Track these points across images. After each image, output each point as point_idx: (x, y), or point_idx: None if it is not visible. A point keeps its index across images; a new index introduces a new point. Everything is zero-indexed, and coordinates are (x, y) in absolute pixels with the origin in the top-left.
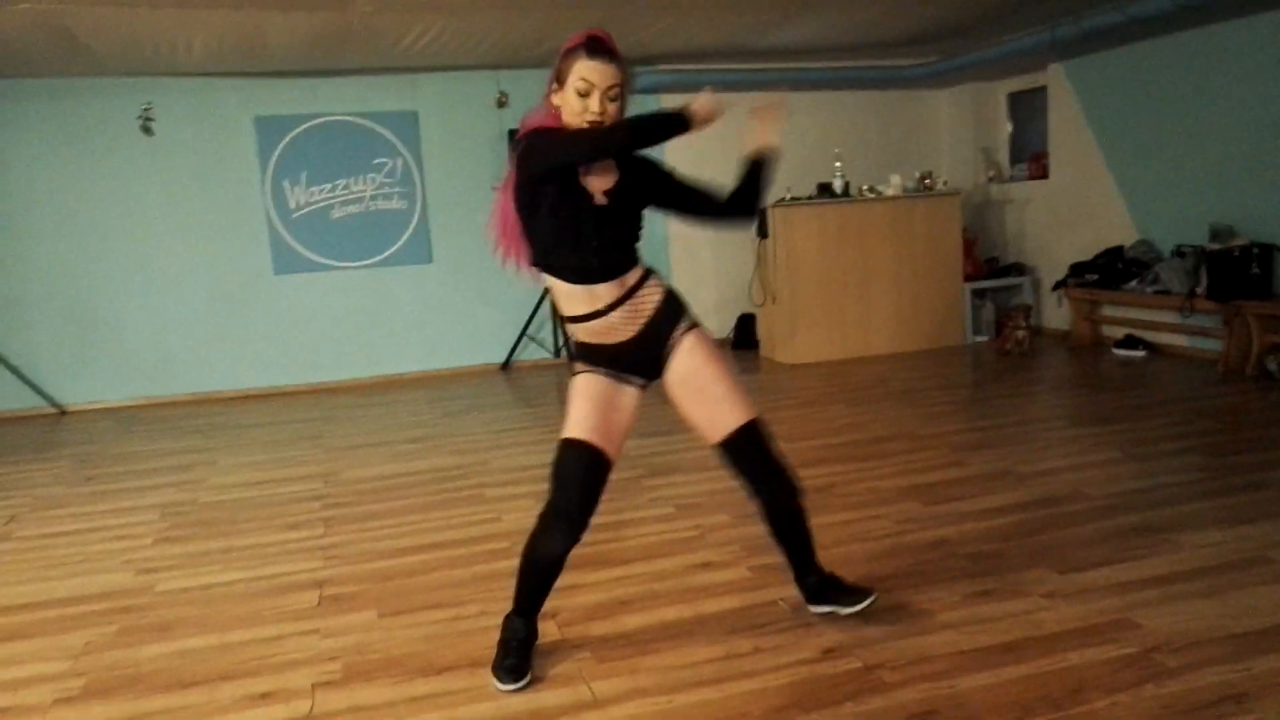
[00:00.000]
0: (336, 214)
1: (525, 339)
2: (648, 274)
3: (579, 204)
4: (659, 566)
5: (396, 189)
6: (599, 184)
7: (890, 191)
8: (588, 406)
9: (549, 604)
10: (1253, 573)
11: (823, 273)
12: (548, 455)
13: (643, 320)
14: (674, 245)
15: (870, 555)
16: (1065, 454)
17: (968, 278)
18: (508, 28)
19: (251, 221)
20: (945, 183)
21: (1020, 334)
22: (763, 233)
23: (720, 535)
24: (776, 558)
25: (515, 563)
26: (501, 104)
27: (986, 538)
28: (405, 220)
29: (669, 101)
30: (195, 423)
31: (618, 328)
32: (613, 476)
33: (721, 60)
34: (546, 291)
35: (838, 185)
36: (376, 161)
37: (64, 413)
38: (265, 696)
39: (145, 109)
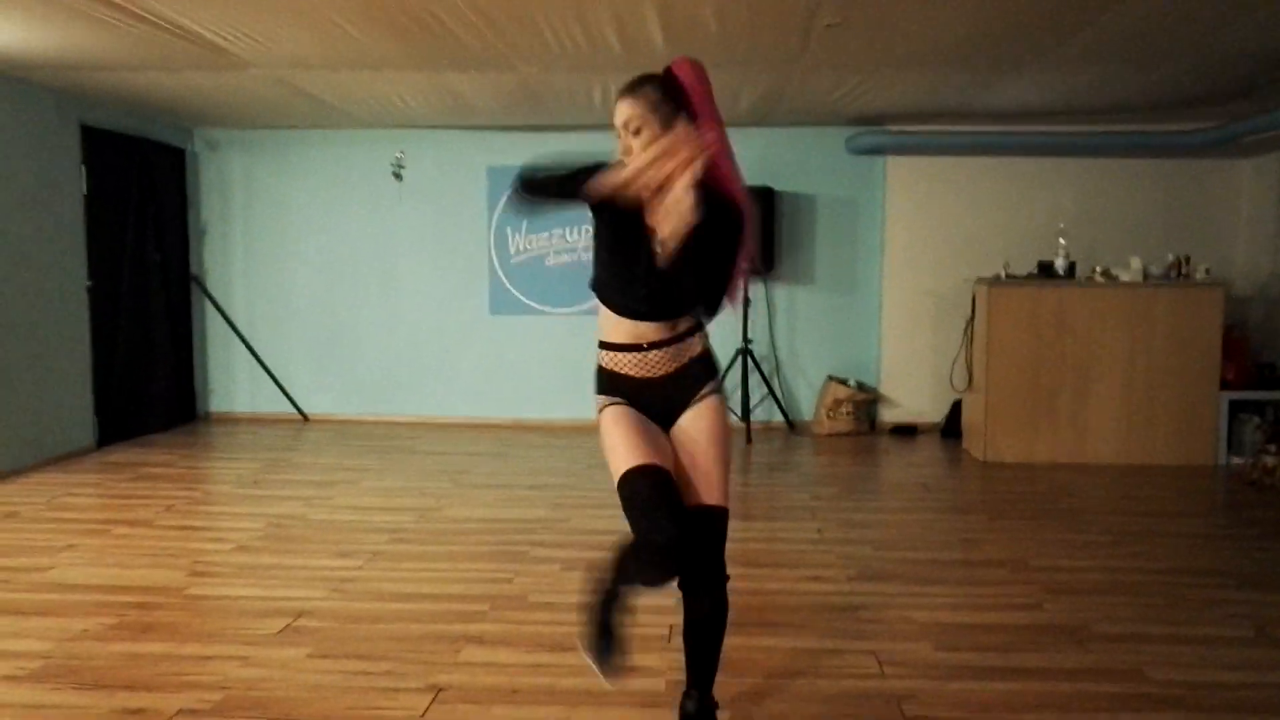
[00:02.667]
0: (550, 261)
1: None
2: (698, 326)
3: (637, 246)
4: None
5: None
6: (669, 227)
7: (1127, 277)
8: (633, 433)
9: None
10: None
11: (1031, 364)
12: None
13: (680, 364)
14: (888, 315)
15: (811, 694)
16: (1180, 621)
17: (1227, 385)
18: None
19: (477, 263)
20: (1207, 270)
21: (1270, 461)
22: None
23: None
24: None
25: (469, 628)
26: None
27: (957, 703)
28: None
29: (895, 164)
30: (383, 444)
31: (654, 364)
32: None
33: (948, 121)
34: (737, 354)
35: (1060, 265)
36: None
37: (307, 419)
38: (135, 713)
39: (398, 156)
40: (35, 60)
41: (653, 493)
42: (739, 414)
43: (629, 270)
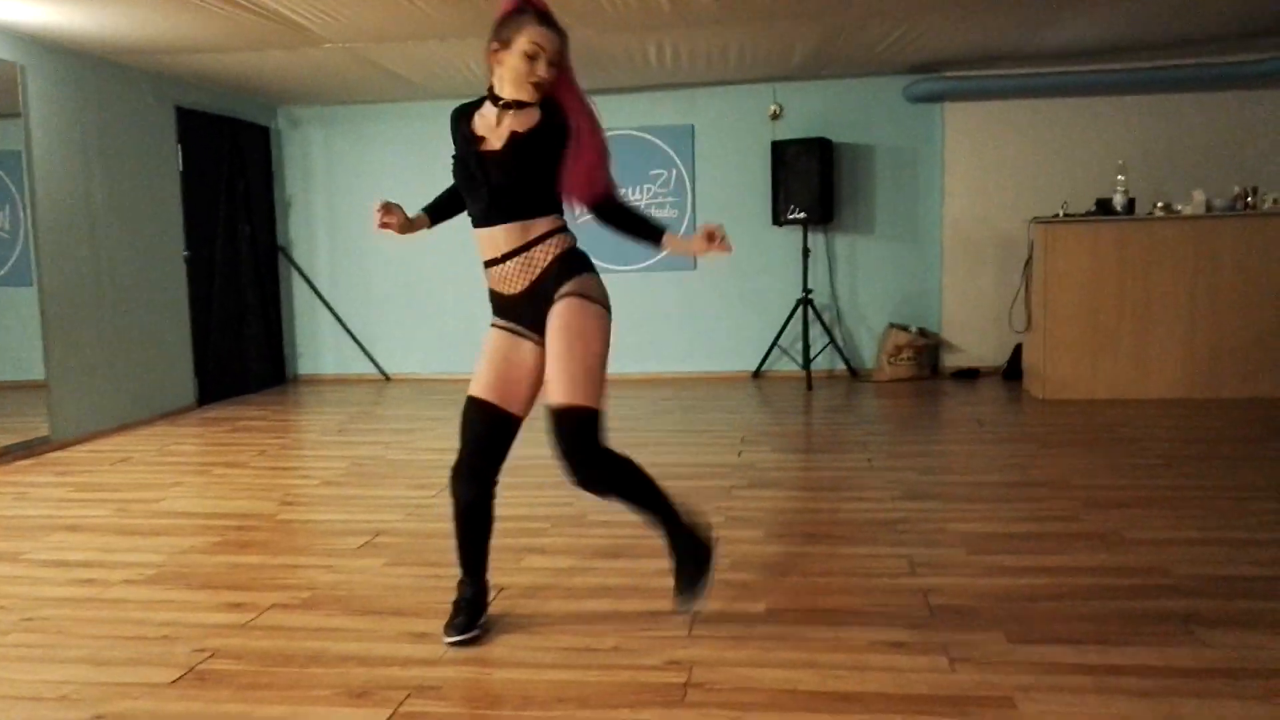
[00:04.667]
0: None
1: (777, 349)
2: (556, 230)
3: (474, 159)
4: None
5: (669, 198)
6: (500, 132)
7: (1189, 210)
8: (486, 364)
9: None
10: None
11: (1090, 301)
12: (679, 454)
13: (534, 275)
14: (949, 261)
15: (843, 589)
16: (1211, 527)
17: None
18: (754, 43)
19: None
20: (1276, 200)
21: None
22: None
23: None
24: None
25: (532, 541)
26: (775, 116)
27: (982, 595)
28: (675, 228)
29: (952, 110)
30: (460, 398)
31: (512, 277)
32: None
33: (1006, 65)
34: (798, 304)
35: (1119, 202)
36: (653, 172)
37: (388, 379)
38: (236, 606)
39: None
40: (134, 46)
41: (472, 421)
42: (800, 363)
43: (471, 179)
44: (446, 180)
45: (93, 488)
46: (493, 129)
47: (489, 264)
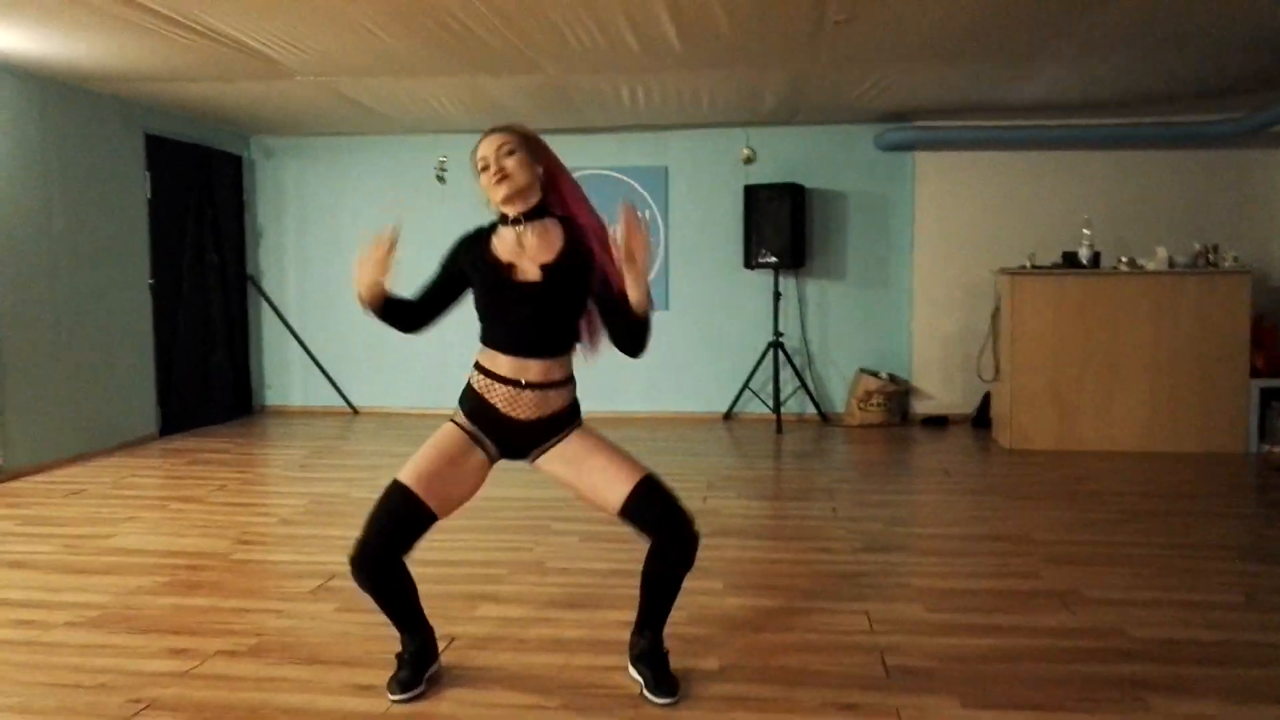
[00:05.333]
0: None
1: (748, 392)
2: (571, 378)
3: (506, 286)
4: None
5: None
6: (529, 257)
7: (1152, 265)
8: (430, 459)
9: None
10: None
11: (1056, 353)
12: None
13: (544, 414)
14: (919, 308)
15: (799, 646)
16: (1170, 587)
17: (1258, 373)
18: (725, 87)
19: None
20: (1235, 259)
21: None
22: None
23: None
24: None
25: (486, 588)
26: (749, 160)
27: (939, 655)
28: (649, 268)
29: (923, 159)
30: (428, 433)
31: (523, 405)
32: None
33: (976, 116)
34: (769, 347)
35: (1084, 255)
36: None
37: (356, 412)
38: (179, 652)
39: (441, 161)
40: (103, 73)
41: (389, 510)
42: (770, 406)
43: (506, 309)
44: (419, 214)
45: (41, 521)
46: (519, 254)
47: (501, 380)
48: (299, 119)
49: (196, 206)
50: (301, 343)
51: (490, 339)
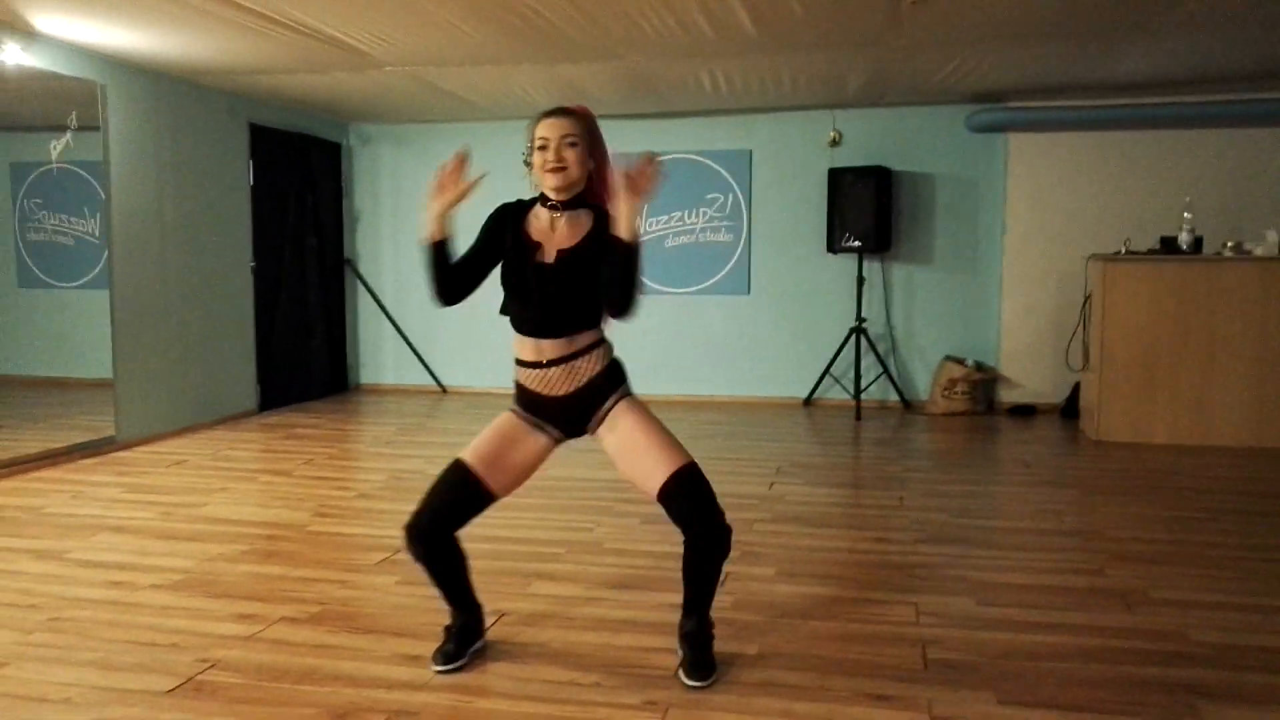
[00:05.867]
0: (670, 243)
1: (829, 378)
2: (600, 342)
3: (527, 266)
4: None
5: (725, 223)
6: (554, 240)
7: (1261, 250)
8: (490, 439)
9: None
10: None
11: (1150, 342)
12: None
13: (578, 384)
14: (1009, 294)
15: (841, 635)
16: (1240, 590)
17: None
18: (807, 70)
19: None
20: None
21: None
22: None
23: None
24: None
25: (543, 566)
26: (835, 143)
27: (982, 650)
28: (729, 253)
29: (1016, 141)
30: None
31: (553, 382)
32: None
33: (1070, 96)
34: (851, 333)
35: (1184, 240)
36: (709, 196)
37: (445, 391)
38: (247, 617)
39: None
40: (210, 67)
41: (447, 486)
42: (851, 393)
43: (522, 287)
44: (509, 198)
45: (144, 489)
46: (548, 235)
47: (527, 365)
48: (392, 107)
49: (297, 192)
50: (395, 324)
51: (511, 318)
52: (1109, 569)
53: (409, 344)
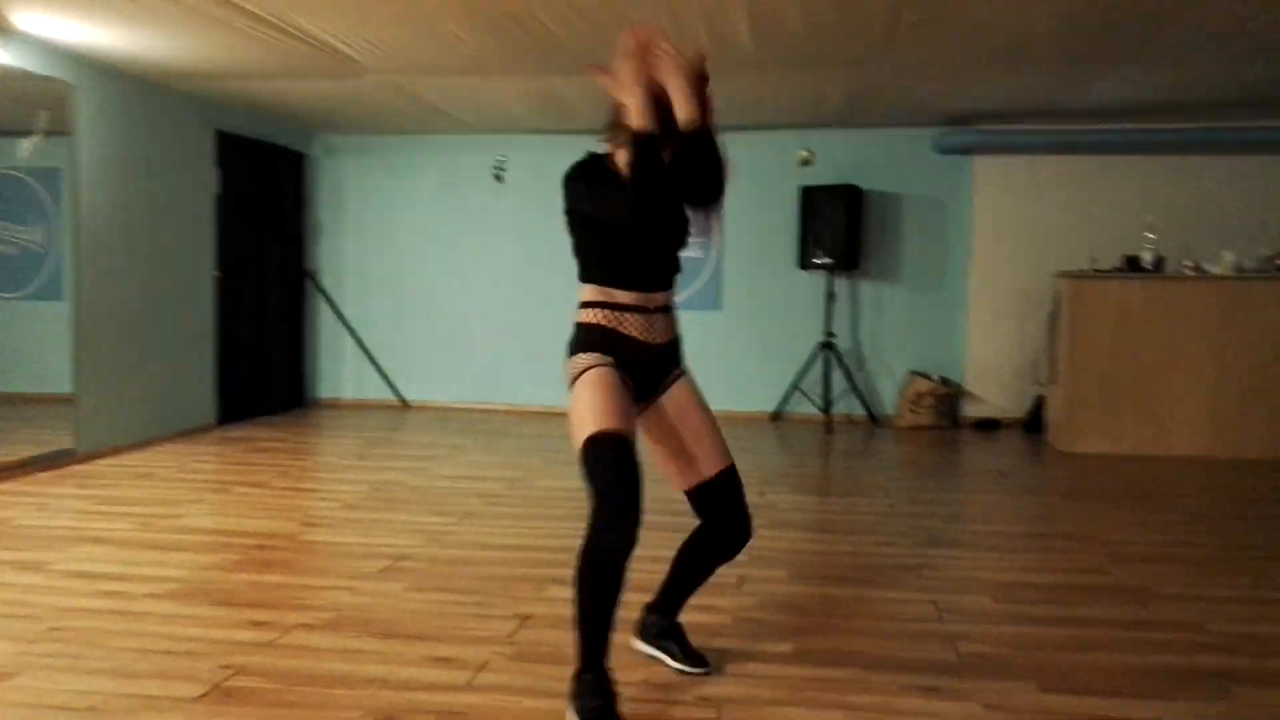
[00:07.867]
0: None
1: (797, 392)
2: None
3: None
4: None
5: (697, 239)
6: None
7: (1218, 270)
8: (611, 397)
9: None
10: None
11: (1116, 357)
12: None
13: (671, 336)
14: (974, 312)
15: (870, 632)
16: (1242, 585)
17: None
18: (789, 89)
19: (572, 262)
20: None
21: None
22: None
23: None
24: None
25: (555, 572)
26: (806, 162)
27: (1010, 644)
28: (699, 269)
29: (981, 163)
30: (480, 428)
31: (658, 329)
32: None
33: (1037, 120)
34: (819, 348)
35: (1147, 259)
36: None
37: (407, 405)
38: (259, 624)
39: (499, 161)
40: (179, 69)
41: (617, 458)
42: (820, 406)
43: (642, 240)
44: (476, 212)
45: (114, 501)
46: None
47: (630, 309)
48: (363, 117)
49: (260, 202)
50: (356, 337)
51: (608, 276)
52: (1111, 569)
53: (370, 357)
